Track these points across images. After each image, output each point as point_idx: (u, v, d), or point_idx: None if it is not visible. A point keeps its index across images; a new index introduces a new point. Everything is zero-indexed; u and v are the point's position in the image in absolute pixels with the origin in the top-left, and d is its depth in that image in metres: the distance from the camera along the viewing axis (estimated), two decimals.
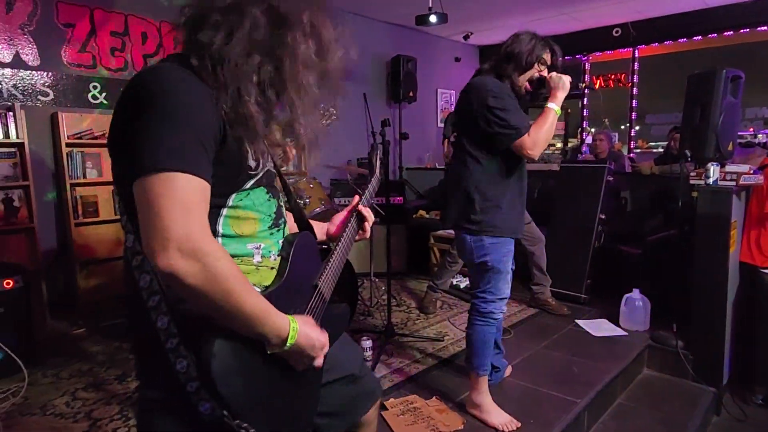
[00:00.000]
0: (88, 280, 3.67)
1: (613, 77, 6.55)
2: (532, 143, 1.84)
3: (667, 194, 3.72)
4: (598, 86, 6.55)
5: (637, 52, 6.21)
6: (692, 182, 2.66)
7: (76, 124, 3.60)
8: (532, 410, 2.15)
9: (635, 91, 6.30)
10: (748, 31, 5.45)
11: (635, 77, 6.26)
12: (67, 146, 3.52)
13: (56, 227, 3.65)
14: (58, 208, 3.65)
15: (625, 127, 6.60)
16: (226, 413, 0.80)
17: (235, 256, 0.90)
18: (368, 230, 1.26)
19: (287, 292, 0.95)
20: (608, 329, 3.07)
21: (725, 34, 5.59)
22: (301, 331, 0.89)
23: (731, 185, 2.53)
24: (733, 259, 2.62)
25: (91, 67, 3.74)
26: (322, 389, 1.11)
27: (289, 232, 1.05)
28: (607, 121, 6.39)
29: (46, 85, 3.55)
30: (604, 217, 3.56)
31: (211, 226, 0.85)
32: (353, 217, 1.24)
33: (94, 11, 3.72)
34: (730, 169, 2.60)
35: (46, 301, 3.40)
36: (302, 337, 0.89)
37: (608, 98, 6.69)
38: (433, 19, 4.64)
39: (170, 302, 0.81)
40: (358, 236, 1.26)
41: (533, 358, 2.71)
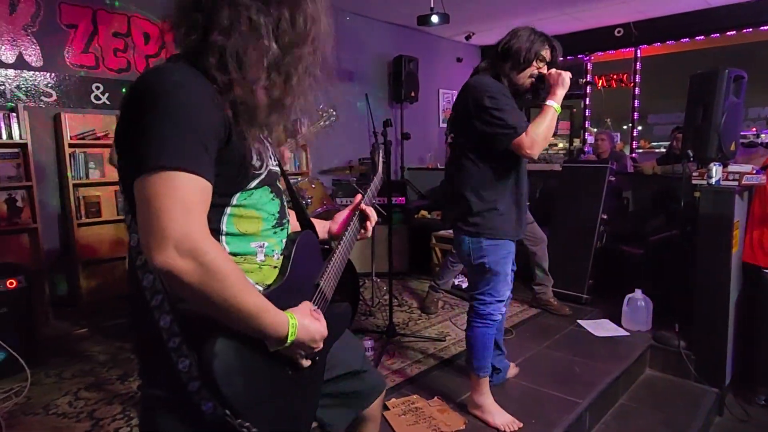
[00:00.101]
0: (90, 280, 3.69)
1: (615, 77, 6.55)
2: (530, 142, 1.78)
3: (669, 194, 3.72)
4: (600, 86, 6.54)
5: (639, 52, 6.20)
6: (694, 182, 2.65)
7: (78, 124, 3.61)
8: (534, 410, 2.15)
9: (637, 91, 6.28)
10: (750, 30, 5.43)
11: (637, 77, 6.25)
12: (70, 147, 3.53)
13: (59, 227, 3.66)
14: (60, 208, 3.66)
15: (627, 127, 6.59)
16: (227, 412, 0.81)
17: (238, 254, 0.90)
18: (370, 229, 1.26)
19: (289, 290, 0.95)
20: (610, 329, 3.07)
21: (728, 33, 5.58)
22: (300, 325, 0.89)
23: (734, 185, 2.53)
24: (735, 259, 2.62)
25: (93, 67, 3.76)
26: (325, 385, 1.12)
27: (291, 231, 1.06)
28: (609, 121, 6.39)
29: (49, 85, 3.56)
30: (606, 217, 3.56)
31: (215, 224, 0.86)
32: (355, 216, 1.24)
33: (96, 12, 3.74)
34: (732, 169, 2.59)
35: (48, 301, 3.42)
36: (302, 331, 0.90)
37: (610, 98, 6.68)
38: (434, 19, 4.64)
39: (173, 301, 0.82)
40: (359, 235, 1.26)
41: (535, 358, 2.71)
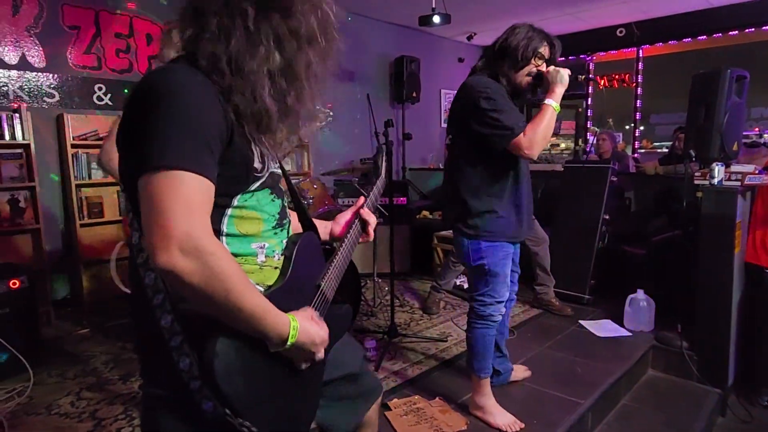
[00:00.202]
0: (92, 280, 3.70)
1: (617, 77, 6.53)
2: (528, 143, 1.75)
3: (671, 194, 3.71)
4: (602, 86, 6.53)
5: (641, 51, 6.19)
6: (697, 182, 2.64)
7: (81, 125, 3.62)
8: (535, 411, 2.15)
9: (639, 91, 6.28)
10: (753, 30, 5.42)
11: (639, 77, 6.24)
12: (72, 147, 3.54)
13: (61, 228, 3.67)
14: (63, 208, 3.67)
15: (629, 127, 6.58)
16: (227, 411, 0.81)
17: (238, 255, 0.90)
18: (371, 233, 1.26)
19: (290, 291, 0.95)
20: (612, 330, 3.06)
21: (730, 33, 5.57)
22: (301, 328, 0.89)
23: (736, 185, 2.52)
24: (738, 259, 2.61)
25: (96, 68, 3.77)
26: (323, 387, 1.11)
27: (293, 232, 1.05)
28: (611, 121, 6.37)
29: (51, 86, 3.58)
30: (607, 217, 3.55)
31: (215, 225, 0.85)
32: (357, 218, 1.24)
33: (99, 13, 3.75)
34: (735, 169, 2.58)
35: (50, 301, 3.43)
36: (303, 334, 0.89)
37: (612, 98, 6.66)
38: (436, 19, 4.64)
39: (174, 300, 0.82)
40: (361, 238, 1.25)
41: (537, 358, 2.71)
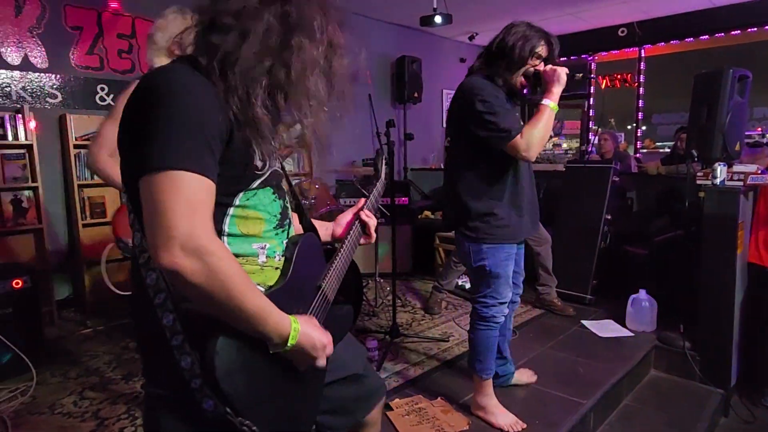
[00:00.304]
0: (95, 280, 3.70)
1: (619, 77, 6.52)
2: (525, 144, 1.74)
3: (673, 194, 3.70)
4: (603, 86, 6.52)
5: (643, 51, 6.18)
6: (699, 182, 2.63)
7: (83, 125, 3.62)
8: (537, 411, 2.15)
9: (641, 91, 6.26)
10: (755, 30, 5.40)
11: (641, 77, 6.23)
12: (75, 147, 3.54)
13: (64, 228, 3.68)
14: (65, 209, 3.68)
15: (631, 127, 6.57)
16: (228, 410, 0.81)
17: (239, 255, 0.90)
18: (373, 235, 1.26)
19: (290, 292, 0.95)
20: (614, 330, 3.06)
21: (732, 33, 5.55)
22: (302, 331, 0.89)
23: (738, 185, 2.51)
24: (740, 259, 2.60)
25: (98, 69, 3.77)
26: (325, 388, 1.11)
27: (294, 233, 1.06)
28: (613, 121, 6.37)
29: (54, 87, 3.58)
30: (609, 217, 3.55)
31: (217, 225, 0.86)
32: (358, 219, 1.24)
33: (101, 14, 3.76)
34: (737, 169, 2.58)
35: (53, 301, 3.44)
36: (303, 337, 0.89)
37: (614, 98, 6.65)
38: (437, 19, 4.63)
39: (176, 300, 0.82)
40: (363, 240, 1.26)
41: (539, 358, 2.71)
